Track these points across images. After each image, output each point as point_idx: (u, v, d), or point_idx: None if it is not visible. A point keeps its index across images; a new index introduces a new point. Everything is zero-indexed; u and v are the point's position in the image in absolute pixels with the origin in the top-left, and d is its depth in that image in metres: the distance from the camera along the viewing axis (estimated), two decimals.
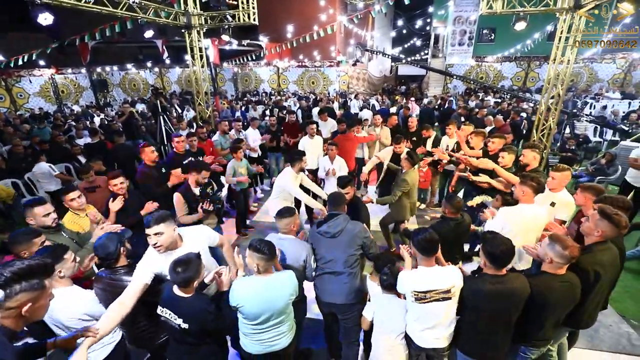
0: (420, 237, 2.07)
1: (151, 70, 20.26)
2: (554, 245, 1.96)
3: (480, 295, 2.00)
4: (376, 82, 20.24)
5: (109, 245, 2.16)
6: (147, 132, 9.08)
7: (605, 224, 2.11)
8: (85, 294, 2.09)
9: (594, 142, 9.41)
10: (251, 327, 2.08)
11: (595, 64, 16.66)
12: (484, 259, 2.01)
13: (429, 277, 2.05)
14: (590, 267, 2.08)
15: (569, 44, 5.41)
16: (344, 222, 2.52)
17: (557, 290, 2.00)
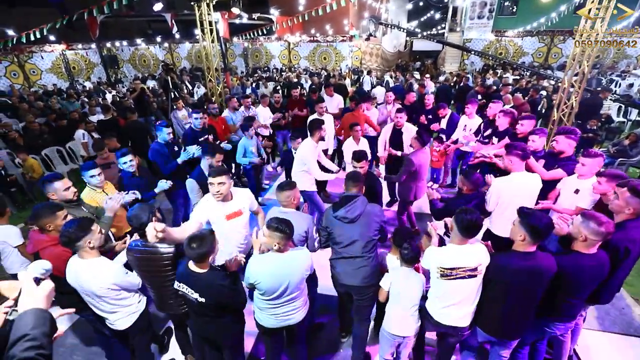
0: (468, 217, 1.99)
1: (161, 46, 20.03)
2: (588, 223, 1.93)
3: (508, 271, 1.99)
4: (390, 57, 19.56)
5: (141, 215, 2.22)
6: (158, 108, 9.11)
7: (637, 202, 2.11)
8: (112, 265, 2.19)
9: (617, 122, 9.02)
10: (267, 302, 2.14)
11: None
12: (524, 233, 1.93)
13: (457, 254, 2.03)
14: (621, 244, 2.09)
15: (600, 16, 5.07)
16: (362, 206, 2.40)
17: (587, 270, 1.99)
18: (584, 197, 2.80)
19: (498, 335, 2.17)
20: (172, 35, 14.11)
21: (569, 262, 1.99)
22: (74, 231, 2.01)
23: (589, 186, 2.77)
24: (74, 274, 2.10)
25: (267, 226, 2.06)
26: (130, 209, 2.31)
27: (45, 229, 2.30)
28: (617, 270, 2.16)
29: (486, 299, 2.12)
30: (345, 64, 18.61)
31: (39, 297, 1.09)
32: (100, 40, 16.19)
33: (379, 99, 8.53)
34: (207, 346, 2.39)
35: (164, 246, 2.21)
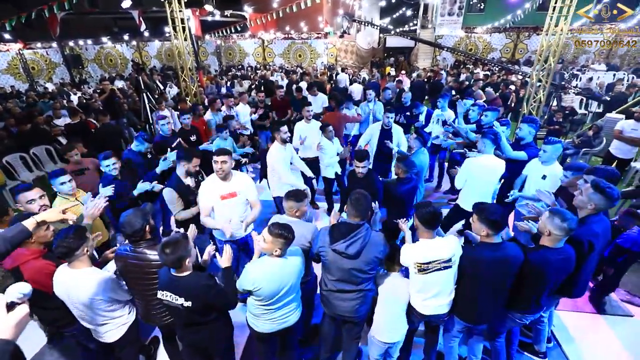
0: (424, 211, 2.09)
1: (128, 44, 19.16)
2: (553, 219, 2.02)
3: (478, 263, 2.09)
4: (364, 54, 19.76)
5: (135, 222, 2.12)
6: (129, 110, 8.72)
7: (598, 198, 2.19)
8: (105, 275, 2.10)
9: (579, 114, 9.58)
10: (264, 308, 2.11)
11: (582, 35, 16.63)
12: (485, 229, 2.05)
13: (431, 248, 2.11)
14: (585, 238, 2.17)
15: (563, 15, 5.36)
16: (365, 239, 2.13)
17: (553, 263, 2.08)
18: (549, 181, 3.08)
19: (472, 321, 2.29)
20: (140, 33, 13.50)
21: (536, 256, 2.10)
22: (73, 240, 1.90)
23: (554, 172, 3.08)
24: (63, 285, 2.00)
25: (269, 232, 2.01)
26: (123, 215, 2.20)
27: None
28: (584, 265, 2.26)
29: (460, 289, 2.22)
30: (321, 61, 18.59)
31: (6, 326, 0.99)
32: (61, 38, 15.26)
33: (356, 96, 8.60)
34: (198, 356, 2.33)
35: (153, 252, 2.12)
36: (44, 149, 6.52)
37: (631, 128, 4.99)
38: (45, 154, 6.54)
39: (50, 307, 2.10)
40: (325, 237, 2.24)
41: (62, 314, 2.10)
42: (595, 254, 2.27)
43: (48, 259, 2.16)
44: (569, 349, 2.86)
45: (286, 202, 2.47)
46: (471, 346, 2.56)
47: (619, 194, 2.20)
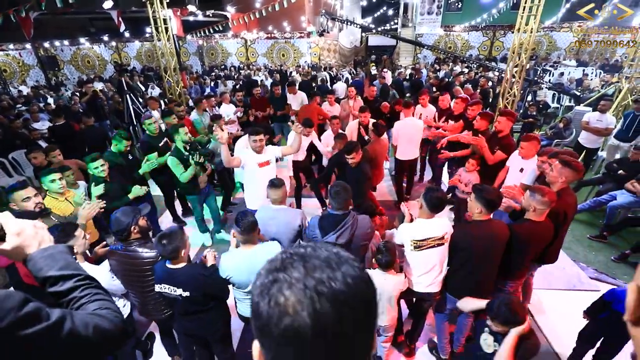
0: (433, 195, 2.26)
1: (107, 45, 18.68)
2: (534, 195, 2.28)
3: (470, 237, 2.29)
4: (347, 53, 20.01)
5: (122, 220, 2.21)
6: (111, 111, 8.58)
7: (567, 171, 2.48)
8: (98, 270, 2.17)
9: (552, 107, 10.08)
10: (243, 294, 2.26)
11: (554, 33, 17.40)
12: (480, 207, 2.24)
13: (426, 226, 2.30)
14: (561, 209, 2.45)
15: (532, 14, 5.67)
16: (352, 227, 2.27)
17: (537, 234, 2.34)
18: (526, 174, 3.32)
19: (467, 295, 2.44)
20: (118, 33, 13.23)
21: (524, 229, 2.34)
22: (56, 238, 1.95)
23: (531, 165, 3.30)
24: None
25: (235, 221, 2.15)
26: (114, 213, 2.27)
27: None
28: (559, 233, 2.54)
29: (453, 267, 2.41)
30: (304, 60, 18.69)
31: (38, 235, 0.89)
32: (35, 39, 14.76)
33: (340, 95, 8.76)
34: (196, 345, 2.43)
35: (146, 250, 2.21)
36: (24, 153, 6.37)
37: (596, 119, 5.35)
38: (25, 158, 6.40)
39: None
40: (315, 229, 2.37)
41: None
42: (568, 222, 2.55)
43: None
44: (542, 321, 3.11)
45: (274, 191, 2.59)
46: (459, 325, 2.70)
47: (583, 166, 2.52)
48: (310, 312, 0.41)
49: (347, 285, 0.44)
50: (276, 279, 0.46)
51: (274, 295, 0.44)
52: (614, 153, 5.80)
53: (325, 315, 0.41)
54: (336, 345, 0.43)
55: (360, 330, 0.45)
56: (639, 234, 4.25)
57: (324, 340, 0.42)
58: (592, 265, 3.95)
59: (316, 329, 0.41)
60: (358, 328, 0.45)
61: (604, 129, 5.33)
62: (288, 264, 0.48)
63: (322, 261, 0.47)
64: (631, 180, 4.47)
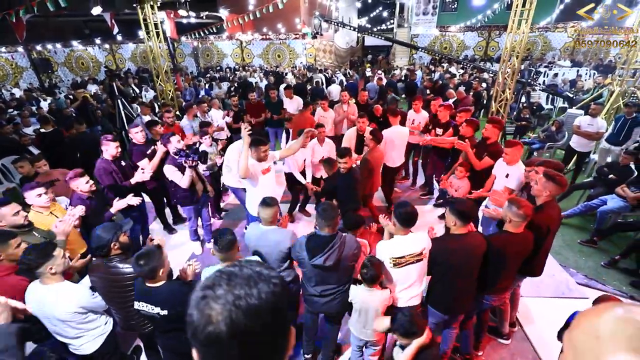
0: (402, 211, 2.25)
1: (100, 47, 18.57)
2: (511, 207, 2.29)
3: (447, 252, 2.29)
4: (343, 53, 19.96)
5: (102, 236, 2.19)
6: (103, 116, 8.52)
7: (551, 184, 2.47)
8: (77, 288, 2.14)
9: (546, 109, 10.09)
10: None
11: (549, 33, 17.45)
12: (454, 219, 2.25)
13: (404, 243, 2.28)
14: (544, 223, 2.45)
15: (524, 18, 5.67)
16: (340, 249, 2.25)
17: (514, 245, 2.33)
18: (512, 179, 3.35)
19: (448, 312, 2.46)
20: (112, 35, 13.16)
21: (500, 240, 2.34)
22: (34, 258, 1.93)
23: (516, 171, 3.33)
24: (36, 301, 2.01)
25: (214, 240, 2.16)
26: (95, 229, 2.24)
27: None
28: (543, 246, 2.53)
29: (433, 281, 2.41)
30: (300, 61, 18.66)
31: None
32: (28, 41, 14.65)
33: (334, 97, 8.73)
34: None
35: (126, 266, 2.18)
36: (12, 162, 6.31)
37: (587, 123, 5.36)
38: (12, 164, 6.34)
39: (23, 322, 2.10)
40: (302, 250, 2.32)
41: (37, 328, 2.12)
42: (552, 235, 2.54)
43: (21, 275, 2.18)
44: (530, 330, 3.11)
45: (264, 211, 2.53)
46: (444, 337, 2.70)
47: (567, 181, 2.52)
48: (228, 322, 0.54)
49: (260, 299, 0.56)
50: (205, 295, 0.57)
51: (201, 308, 0.56)
52: (605, 157, 5.81)
53: (238, 324, 0.54)
54: (247, 347, 0.55)
55: (269, 334, 0.58)
56: (629, 239, 4.26)
57: (237, 342, 0.54)
58: (582, 271, 3.96)
59: (230, 334, 0.54)
60: (267, 333, 0.57)
61: (595, 133, 5.34)
62: (216, 282, 0.59)
63: (243, 279, 0.58)
64: (621, 184, 4.49)
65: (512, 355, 2.92)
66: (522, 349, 2.97)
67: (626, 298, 3.53)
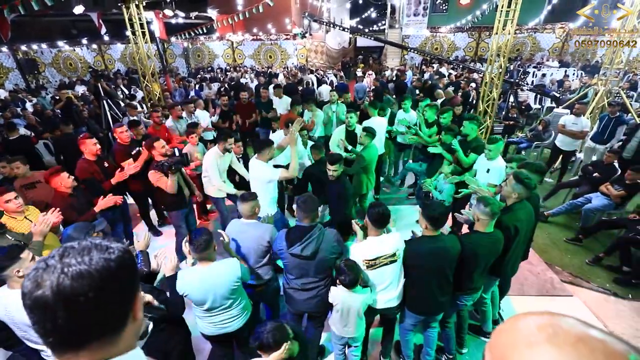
0: (374, 211, 2.24)
1: (89, 47, 18.30)
2: (479, 205, 2.30)
3: (420, 254, 2.27)
4: (335, 54, 19.97)
5: (74, 237, 2.13)
6: (90, 117, 8.37)
7: (520, 187, 2.48)
8: None
9: (534, 109, 10.20)
10: (201, 311, 2.20)
11: (537, 34, 17.68)
12: (425, 223, 2.25)
13: (376, 245, 2.26)
14: (511, 224, 2.45)
15: (509, 19, 5.72)
16: (319, 240, 2.29)
17: (485, 246, 2.33)
18: (493, 174, 3.40)
19: (424, 313, 2.45)
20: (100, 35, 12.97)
21: (470, 240, 2.34)
22: (1, 261, 1.86)
23: (497, 166, 3.40)
24: (2, 306, 1.94)
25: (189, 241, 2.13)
26: (65, 230, 2.19)
27: None
28: (512, 247, 2.52)
29: (409, 283, 2.39)
30: (291, 62, 18.62)
31: None
32: (13, 42, 14.38)
33: (324, 98, 8.72)
34: None
35: None
36: None
37: (572, 122, 5.42)
38: None
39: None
40: (282, 241, 2.35)
41: (6, 335, 2.05)
42: (521, 237, 2.53)
43: None
44: None
45: (243, 205, 2.54)
46: (426, 338, 2.68)
47: (535, 184, 2.52)
48: (54, 286, 0.56)
49: (89, 265, 0.59)
50: (37, 267, 0.60)
51: (32, 277, 0.58)
52: (590, 155, 5.88)
53: (64, 288, 0.56)
54: (75, 312, 0.57)
55: (102, 300, 0.59)
56: (613, 237, 4.30)
57: (63, 306, 0.56)
58: (567, 268, 3.99)
59: (56, 298, 0.56)
60: (99, 298, 0.59)
61: (579, 132, 5.40)
62: (50, 255, 0.61)
63: (77, 250, 0.61)
64: (605, 183, 4.54)
65: None
66: None
67: (610, 295, 3.57)
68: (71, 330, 0.57)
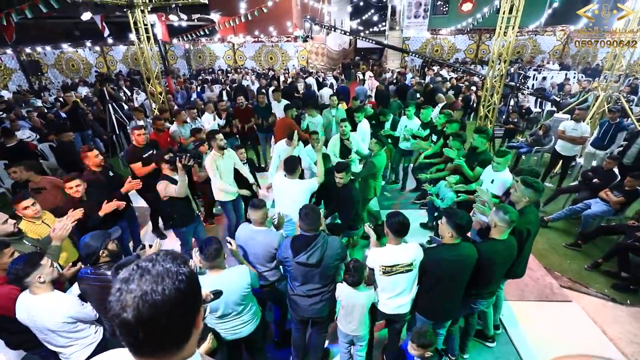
0: (394, 220, 2.30)
1: (91, 49, 18.37)
2: (498, 212, 2.36)
3: (439, 263, 2.33)
4: (335, 56, 20.03)
5: (91, 244, 2.23)
6: (95, 119, 8.44)
7: (529, 191, 2.58)
8: (67, 298, 2.14)
9: (535, 112, 10.26)
10: (214, 318, 2.27)
11: (538, 37, 17.73)
12: (450, 231, 2.29)
13: (395, 253, 2.33)
14: (524, 227, 2.54)
15: (510, 25, 5.78)
16: (323, 248, 2.35)
17: (501, 253, 2.40)
18: (497, 185, 3.46)
19: (435, 319, 2.51)
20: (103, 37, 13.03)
21: (487, 247, 2.40)
22: (22, 268, 1.95)
23: (502, 177, 3.44)
24: (25, 311, 2.03)
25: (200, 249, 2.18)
26: (83, 238, 2.26)
27: None
28: (524, 249, 2.63)
29: (423, 289, 2.45)
30: (292, 64, 18.70)
31: None
32: (17, 43, 14.45)
33: (326, 101, 8.77)
34: None
35: None
36: (3, 164, 6.24)
37: (571, 128, 5.48)
38: (3, 169, 6.26)
39: (16, 331, 2.12)
40: (287, 250, 2.41)
41: (28, 337, 2.13)
42: (532, 238, 2.63)
43: (13, 284, 2.18)
44: (514, 333, 3.18)
45: (255, 213, 2.62)
46: None
47: (543, 186, 2.65)
48: (135, 312, 0.66)
49: (164, 295, 0.68)
50: (120, 288, 0.69)
51: (117, 298, 0.68)
52: (590, 161, 5.94)
53: (143, 314, 0.66)
54: (150, 331, 0.68)
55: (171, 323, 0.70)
56: (612, 243, 4.36)
57: (142, 327, 0.67)
58: (566, 274, 4.05)
59: (136, 321, 0.66)
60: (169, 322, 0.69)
61: (579, 137, 5.46)
62: (131, 277, 0.70)
63: (153, 276, 0.69)
64: (605, 189, 4.60)
65: (495, 359, 2.98)
66: (505, 352, 3.04)
67: (608, 300, 3.63)
68: (149, 344, 0.70)
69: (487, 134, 3.99)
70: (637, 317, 3.40)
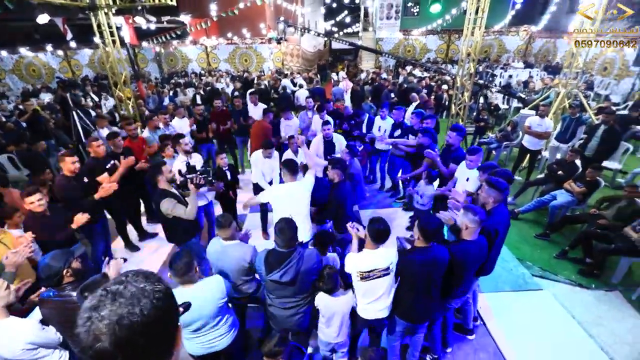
0: (375, 226, 2.29)
1: (53, 53, 17.42)
2: (467, 213, 2.39)
3: (412, 265, 2.35)
4: (310, 57, 20.04)
5: (52, 265, 2.06)
6: (58, 128, 7.98)
7: (493, 191, 2.64)
8: (25, 323, 2.00)
9: (503, 109, 10.70)
10: (189, 332, 2.19)
11: (503, 37, 18.52)
12: (418, 234, 2.33)
13: (371, 258, 2.32)
14: (492, 228, 2.59)
15: (477, 26, 6.00)
16: (298, 265, 2.28)
17: (473, 254, 2.45)
18: (471, 183, 3.54)
19: (413, 320, 2.54)
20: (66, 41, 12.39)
21: (458, 249, 2.44)
22: None
23: (475, 174, 3.52)
24: None
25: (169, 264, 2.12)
26: (43, 259, 2.12)
27: None
28: (492, 248, 2.66)
29: (400, 292, 2.47)
30: (267, 66, 18.55)
31: None
32: None
33: (302, 102, 8.76)
34: None
35: None
36: None
37: (537, 124, 5.75)
38: None
39: None
40: (261, 265, 2.37)
41: None
42: (500, 238, 2.69)
43: None
44: (491, 325, 3.29)
45: (221, 231, 2.55)
46: (413, 342, 2.77)
47: (506, 185, 2.68)
48: (112, 339, 0.61)
49: (142, 316, 0.64)
50: (90, 316, 0.63)
51: (88, 329, 0.62)
52: (555, 154, 6.26)
53: (121, 339, 0.61)
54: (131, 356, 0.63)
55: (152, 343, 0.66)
56: (577, 231, 4.60)
57: (121, 353, 0.62)
58: (537, 263, 4.23)
59: (115, 347, 0.61)
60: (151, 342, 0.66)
61: (543, 132, 5.74)
62: (101, 303, 0.64)
63: (127, 299, 0.65)
64: (569, 180, 4.86)
65: (475, 351, 3.07)
66: (484, 344, 3.14)
67: (575, 286, 3.82)
68: None
69: (461, 131, 4.11)
70: (602, 300, 3.61)
